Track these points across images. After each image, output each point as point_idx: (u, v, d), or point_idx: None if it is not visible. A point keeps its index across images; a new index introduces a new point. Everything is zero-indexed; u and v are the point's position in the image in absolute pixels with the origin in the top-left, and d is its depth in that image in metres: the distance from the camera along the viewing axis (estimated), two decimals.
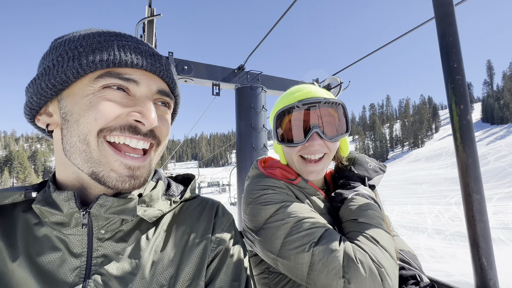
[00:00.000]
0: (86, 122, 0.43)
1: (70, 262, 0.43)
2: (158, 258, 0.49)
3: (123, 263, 0.45)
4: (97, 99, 0.43)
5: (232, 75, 2.58)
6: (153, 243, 0.50)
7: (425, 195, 26.57)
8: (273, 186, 0.78)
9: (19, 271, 0.41)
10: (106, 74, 0.43)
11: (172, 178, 0.67)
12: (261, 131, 2.52)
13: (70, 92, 0.45)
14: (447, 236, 13.68)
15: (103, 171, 0.44)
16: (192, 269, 0.50)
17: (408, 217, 18.82)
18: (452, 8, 0.49)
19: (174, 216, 0.56)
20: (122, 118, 0.44)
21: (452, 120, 0.49)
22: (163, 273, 0.47)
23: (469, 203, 0.49)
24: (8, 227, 0.45)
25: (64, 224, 0.45)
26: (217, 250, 0.54)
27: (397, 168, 65.51)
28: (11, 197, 0.46)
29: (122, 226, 0.49)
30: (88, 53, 0.43)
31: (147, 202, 0.52)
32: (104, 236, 0.47)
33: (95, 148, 0.43)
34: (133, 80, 0.45)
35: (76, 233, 0.45)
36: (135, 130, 0.45)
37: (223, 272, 0.52)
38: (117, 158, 0.44)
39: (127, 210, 0.47)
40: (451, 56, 0.48)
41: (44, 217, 0.45)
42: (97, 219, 0.45)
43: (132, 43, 0.47)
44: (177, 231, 0.53)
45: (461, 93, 0.48)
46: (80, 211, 0.44)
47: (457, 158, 0.50)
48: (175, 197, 0.58)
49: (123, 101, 0.45)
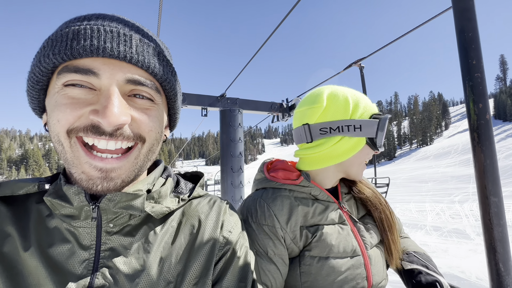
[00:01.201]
0: (53, 123, 0.41)
1: (79, 254, 0.43)
2: (166, 254, 0.48)
3: (130, 258, 0.45)
4: (59, 98, 0.41)
5: (216, 101, 3.38)
6: (161, 240, 0.49)
7: (430, 193, 26.63)
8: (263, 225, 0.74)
9: (31, 260, 0.41)
10: (64, 69, 0.40)
11: (181, 175, 0.67)
12: (237, 143, 3.37)
13: (48, 90, 0.44)
14: (444, 233, 14.12)
15: (75, 172, 0.43)
16: (199, 267, 0.49)
17: (410, 215, 19.17)
18: (472, 2, 0.47)
19: (182, 214, 0.56)
20: (85, 117, 0.41)
21: (470, 119, 0.47)
22: (170, 270, 0.47)
23: (486, 206, 0.47)
24: (22, 217, 0.45)
25: (74, 217, 0.45)
26: (225, 250, 0.54)
27: (404, 166, 64.79)
28: (25, 188, 0.46)
29: (130, 220, 0.49)
30: (48, 48, 0.40)
31: (155, 198, 0.51)
32: (113, 230, 0.47)
33: (68, 149, 0.42)
34: (91, 71, 0.40)
35: (85, 225, 0.45)
36: (98, 130, 0.41)
37: (230, 272, 0.52)
38: (86, 160, 0.42)
39: (135, 206, 0.46)
40: (470, 52, 0.46)
41: (55, 210, 0.45)
42: (106, 213, 0.45)
43: (93, 24, 0.41)
44: (185, 229, 0.53)
45: (480, 92, 0.46)
46: (90, 205, 0.44)
47: (474, 159, 0.47)
48: (183, 194, 0.58)
49: (87, 97, 0.41)
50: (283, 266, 0.72)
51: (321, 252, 0.73)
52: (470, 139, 0.48)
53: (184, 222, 0.54)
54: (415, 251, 0.85)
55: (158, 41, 0.50)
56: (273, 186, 0.82)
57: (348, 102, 0.77)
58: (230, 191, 3.35)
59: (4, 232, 0.43)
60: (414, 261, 0.80)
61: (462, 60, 0.48)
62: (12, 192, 0.46)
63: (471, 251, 10.88)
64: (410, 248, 0.87)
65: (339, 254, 0.73)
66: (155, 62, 0.45)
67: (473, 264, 8.80)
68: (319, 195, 0.80)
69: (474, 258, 9.32)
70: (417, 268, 0.77)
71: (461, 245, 11.99)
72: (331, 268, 0.71)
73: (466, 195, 24.42)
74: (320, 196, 0.81)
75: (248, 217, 0.76)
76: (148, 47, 0.45)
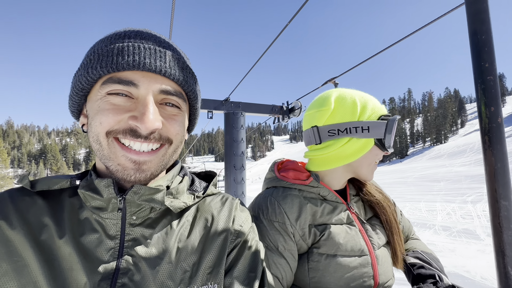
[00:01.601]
0: (95, 125, 0.48)
1: (106, 243, 0.48)
2: (183, 246, 0.53)
3: (151, 248, 0.50)
4: (103, 104, 0.47)
5: (220, 105, 3.67)
6: (177, 232, 0.54)
7: (442, 193, 25.95)
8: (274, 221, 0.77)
9: (65, 247, 0.46)
10: (108, 80, 0.46)
11: (195, 174, 0.71)
12: (239, 143, 3.68)
13: (89, 97, 0.50)
14: (453, 233, 13.87)
15: (112, 165, 0.49)
16: (213, 258, 0.54)
17: (419, 214, 18.86)
18: (486, 5, 0.46)
19: (197, 209, 0.60)
20: (125, 122, 0.47)
21: (481, 123, 0.47)
22: (186, 259, 0.52)
23: (496, 210, 0.46)
24: (56, 208, 0.50)
25: (102, 208, 0.50)
26: (236, 242, 0.58)
27: (416, 165, 63.10)
28: (60, 183, 0.52)
29: (151, 214, 0.53)
30: (94, 60, 0.47)
31: (173, 194, 0.56)
32: (135, 222, 0.51)
33: (106, 147, 0.48)
34: (132, 83, 0.47)
35: (112, 217, 0.50)
36: (135, 133, 0.47)
37: (241, 262, 0.56)
38: (123, 154, 0.48)
39: (157, 199, 0.51)
40: (483, 55, 0.46)
41: (86, 202, 0.51)
42: (131, 205, 0.50)
43: (134, 41, 0.48)
44: (200, 223, 0.58)
45: (492, 95, 0.46)
46: (117, 197, 0.49)
47: (485, 162, 0.47)
48: (198, 192, 0.62)
49: (126, 105, 0.48)
50: (292, 260, 0.75)
51: (329, 250, 0.75)
52: (481, 142, 0.49)
53: (198, 217, 0.59)
54: (423, 250, 0.87)
55: (183, 55, 0.56)
56: (283, 185, 0.84)
57: (356, 104, 0.79)
58: (233, 186, 3.62)
59: (41, 222, 0.48)
60: (419, 257, 0.83)
61: (475, 62, 0.48)
62: (49, 187, 0.51)
63: (479, 251, 10.70)
64: (419, 248, 0.89)
65: (347, 252, 0.75)
66: (183, 75, 0.52)
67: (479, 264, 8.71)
68: (328, 195, 0.83)
69: (481, 259, 9.21)
70: (419, 263, 0.80)
71: (470, 245, 11.78)
72: (338, 265, 0.73)
73: (480, 195, 23.66)
74: (328, 197, 0.83)
75: (260, 213, 0.79)
76: (178, 62, 0.52)
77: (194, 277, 0.51)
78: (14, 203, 0.49)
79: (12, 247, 0.44)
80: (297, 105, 3.80)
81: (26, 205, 0.49)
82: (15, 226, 0.46)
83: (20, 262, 0.44)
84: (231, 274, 0.55)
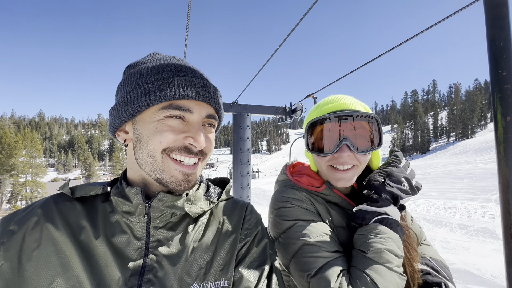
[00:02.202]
0: (154, 143, 0.56)
1: (134, 244, 0.55)
2: (198, 245, 0.59)
3: (172, 248, 0.57)
4: (161, 126, 0.56)
5: (229, 107, 4.08)
6: (194, 234, 0.60)
7: (463, 190, 24.77)
8: (292, 199, 0.81)
9: (100, 247, 0.53)
10: (168, 106, 0.55)
11: (210, 181, 0.78)
12: (245, 141, 4.16)
13: (141, 117, 0.57)
14: (470, 232, 13.44)
15: (166, 177, 0.57)
16: (224, 256, 0.60)
17: (436, 211, 18.31)
18: (506, 10, 0.45)
19: (211, 213, 0.67)
20: (180, 141, 0.56)
21: (497, 132, 0.47)
22: (201, 258, 0.58)
23: (508, 221, 0.46)
24: (92, 212, 0.57)
25: (130, 213, 0.57)
26: (245, 241, 0.64)
27: (438, 161, 60.35)
28: (94, 190, 0.59)
29: (172, 218, 0.60)
30: (156, 89, 0.55)
31: (192, 200, 0.62)
32: (158, 225, 0.58)
33: (160, 161, 0.56)
34: (188, 109, 0.56)
35: (138, 221, 0.57)
36: (189, 150, 0.57)
37: (248, 257, 0.62)
38: (176, 167, 0.57)
39: (177, 206, 0.59)
40: (501, 63, 0.45)
41: (118, 207, 0.58)
42: (155, 211, 0.58)
43: (187, 77, 0.58)
44: (213, 225, 0.64)
45: (509, 104, 0.45)
46: (144, 203, 0.56)
47: (499, 172, 0.47)
48: (213, 198, 0.68)
49: (180, 127, 0.57)
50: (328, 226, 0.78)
51: None
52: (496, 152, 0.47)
53: (212, 220, 0.66)
54: (432, 257, 0.86)
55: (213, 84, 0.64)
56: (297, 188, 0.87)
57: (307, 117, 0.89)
58: (239, 179, 4.14)
59: (80, 224, 0.55)
60: (427, 264, 0.82)
61: (492, 70, 0.46)
62: (86, 193, 0.58)
63: (495, 250, 10.40)
64: (428, 254, 0.89)
65: None
66: (219, 102, 0.63)
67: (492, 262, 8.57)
68: (340, 202, 0.86)
69: (495, 258, 9.01)
70: (426, 269, 0.79)
71: (486, 244, 11.42)
72: None
73: None
74: (341, 204, 0.86)
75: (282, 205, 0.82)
76: (215, 91, 0.62)
77: (207, 273, 0.57)
78: (58, 207, 0.56)
79: (58, 245, 0.51)
80: (298, 107, 4.23)
81: (67, 209, 0.57)
82: (59, 227, 0.53)
83: (65, 258, 0.51)
84: (239, 268, 0.60)
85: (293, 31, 2.35)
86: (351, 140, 0.79)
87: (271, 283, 0.60)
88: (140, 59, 0.63)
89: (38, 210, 0.55)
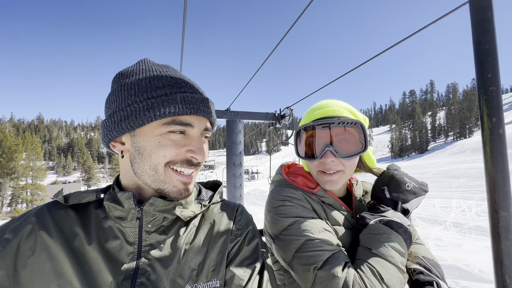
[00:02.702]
0: (157, 157, 0.57)
1: (126, 248, 0.56)
2: (189, 248, 0.61)
3: (164, 251, 0.58)
4: (164, 140, 0.57)
5: (222, 113, 4.42)
6: (185, 236, 0.62)
7: (460, 190, 24.97)
8: (291, 197, 0.83)
9: (93, 252, 0.54)
10: (172, 122, 0.57)
11: (202, 184, 0.79)
12: (238, 145, 4.56)
13: (141, 131, 0.58)
14: (463, 230, 13.71)
15: (168, 187, 0.59)
16: (216, 257, 0.62)
17: (432, 210, 18.57)
18: (490, 13, 0.46)
19: (202, 216, 0.69)
20: (182, 154, 0.59)
21: (483, 133, 0.48)
22: (193, 259, 0.59)
23: (495, 220, 0.47)
24: (85, 219, 0.59)
25: (123, 218, 0.58)
26: (236, 241, 0.66)
27: (436, 160, 60.45)
28: (88, 197, 0.60)
29: (164, 222, 0.61)
30: (159, 105, 0.56)
31: (183, 204, 0.63)
32: (150, 229, 0.59)
33: (162, 173, 0.58)
34: (190, 124, 0.59)
35: (131, 226, 0.58)
36: (190, 162, 0.60)
37: (239, 256, 0.63)
38: (178, 178, 0.59)
39: (169, 210, 0.60)
40: (486, 65, 0.46)
41: (110, 212, 0.59)
42: (147, 215, 0.58)
43: (188, 93, 0.59)
44: (204, 227, 0.66)
45: (494, 106, 0.46)
46: (136, 208, 0.58)
47: (486, 172, 0.48)
48: (204, 201, 0.70)
49: (182, 141, 0.59)
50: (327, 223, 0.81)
51: None
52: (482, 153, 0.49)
53: (203, 222, 0.67)
54: (424, 256, 0.88)
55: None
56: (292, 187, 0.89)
57: None
58: (232, 179, 4.49)
59: (73, 231, 0.56)
60: (419, 263, 0.84)
61: (478, 72, 0.47)
62: (79, 201, 0.60)
63: (486, 247, 10.71)
64: (421, 253, 0.90)
65: None
66: (214, 115, 0.66)
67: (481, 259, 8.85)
68: (334, 204, 0.88)
69: (485, 254, 9.29)
70: (418, 268, 0.81)
71: (478, 241, 11.72)
72: None
73: None
74: (334, 205, 0.89)
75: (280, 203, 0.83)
76: (212, 105, 0.65)
77: (200, 274, 0.58)
78: (52, 215, 0.57)
79: (51, 252, 0.52)
80: (287, 112, 4.61)
81: (61, 217, 0.57)
82: (53, 235, 0.54)
83: (58, 265, 0.51)
84: (230, 266, 0.61)
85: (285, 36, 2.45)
86: (335, 146, 0.82)
87: (262, 279, 0.62)
88: (131, 68, 0.63)
89: (33, 218, 0.56)
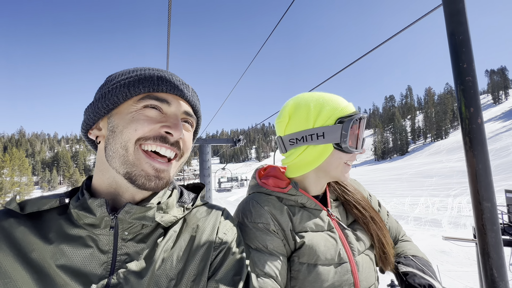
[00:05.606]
0: (128, 132, 0.54)
1: (99, 258, 0.51)
2: (168, 255, 0.56)
3: (141, 261, 0.54)
4: (138, 115, 0.55)
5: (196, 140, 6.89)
6: (165, 244, 0.57)
7: (430, 188, 27.28)
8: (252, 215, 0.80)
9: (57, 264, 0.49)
10: (146, 96, 0.56)
11: (184, 186, 0.75)
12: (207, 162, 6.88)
13: (118, 111, 0.57)
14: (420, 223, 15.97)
15: (135, 171, 0.54)
16: (197, 266, 0.57)
17: (401, 208, 20.85)
18: (462, 5, 0.47)
19: (184, 220, 0.64)
20: (156, 130, 0.56)
21: (462, 123, 0.48)
22: (172, 268, 0.55)
23: (479, 211, 0.46)
24: (47, 227, 0.53)
25: (95, 225, 0.53)
26: (220, 249, 0.61)
27: (415, 161, 63.69)
28: (49, 203, 0.54)
29: (142, 229, 0.57)
30: (135, 81, 0.56)
31: (164, 209, 0.60)
32: (127, 237, 0.55)
33: (131, 153, 0.54)
34: (166, 101, 0.57)
35: (104, 233, 0.53)
36: (165, 139, 0.56)
37: (224, 266, 0.59)
38: (147, 161, 0.55)
39: (147, 217, 0.55)
40: (461, 56, 0.47)
41: (80, 220, 0.53)
42: (122, 223, 0.54)
43: (167, 75, 0.59)
44: (186, 233, 0.61)
45: (471, 95, 0.46)
46: (110, 216, 0.53)
47: (467, 163, 0.47)
48: (187, 204, 0.66)
49: (158, 117, 0.57)
50: (284, 257, 0.78)
51: (310, 259, 0.77)
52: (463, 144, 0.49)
53: (184, 227, 0.63)
54: (414, 255, 0.87)
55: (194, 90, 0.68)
56: (264, 192, 0.88)
57: (309, 111, 0.82)
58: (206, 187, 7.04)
59: (30, 242, 0.50)
60: (411, 264, 0.83)
61: (453, 63, 0.48)
62: (38, 208, 0.54)
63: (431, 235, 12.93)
64: (410, 252, 0.89)
65: (327, 261, 0.77)
66: (197, 103, 0.66)
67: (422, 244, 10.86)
68: (307, 203, 0.85)
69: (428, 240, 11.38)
70: (411, 271, 0.81)
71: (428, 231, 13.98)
72: (318, 275, 0.75)
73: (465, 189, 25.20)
74: (308, 204, 0.85)
75: (244, 218, 0.81)
76: (193, 93, 0.65)
77: (178, 284, 0.55)
78: (1, 226, 0.51)
79: (1, 269, 0.47)
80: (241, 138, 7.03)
81: (13, 228, 0.51)
82: (2, 249, 0.49)
83: (10, 283, 0.46)
84: (215, 278, 0.58)
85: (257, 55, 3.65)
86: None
87: None
88: None
89: None
